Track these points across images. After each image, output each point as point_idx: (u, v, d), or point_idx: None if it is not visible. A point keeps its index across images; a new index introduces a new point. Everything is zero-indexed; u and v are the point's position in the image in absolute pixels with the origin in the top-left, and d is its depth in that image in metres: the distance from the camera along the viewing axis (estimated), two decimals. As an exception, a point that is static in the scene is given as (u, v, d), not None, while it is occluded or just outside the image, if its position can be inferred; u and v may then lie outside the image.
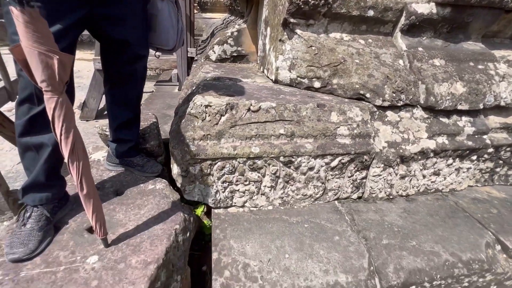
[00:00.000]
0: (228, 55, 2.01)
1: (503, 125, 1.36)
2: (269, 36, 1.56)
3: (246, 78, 1.57)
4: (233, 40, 1.98)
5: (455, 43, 1.45)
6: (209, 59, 2.02)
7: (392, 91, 1.22)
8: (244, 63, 2.05)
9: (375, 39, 1.39)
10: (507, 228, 1.19)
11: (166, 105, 2.40)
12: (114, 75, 1.05)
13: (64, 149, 0.70)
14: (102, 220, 0.82)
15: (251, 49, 2.02)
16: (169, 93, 2.77)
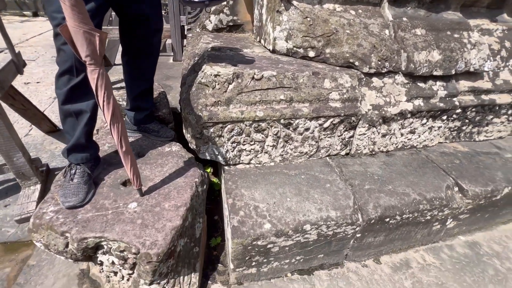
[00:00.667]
0: (224, 24, 2.06)
1: (471, 89, 1.57)
2: (265, 7, 1.63)
3: (245, 48, 1.67)
4: (229, 9, 2.02)
5: (436, 12, 1.59)
6: (205, 28, 2.07)
7: (378, 59, 1.38)
8: (240, 32, 2.11)
9: (364, 9, 1.50)
10: (465, 174, 1.46)
11: (164, 75, 2.46)
12: (132, 49, 1.14)
13: (106, 113, 0.84)
14: (138, 173, 0.99)
15: (246, 18, 2.07)
16: (165, 63, 2.80)
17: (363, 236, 1.26)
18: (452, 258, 1.43)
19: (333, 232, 1.16)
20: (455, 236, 1.55)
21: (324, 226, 1.12)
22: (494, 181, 1.42)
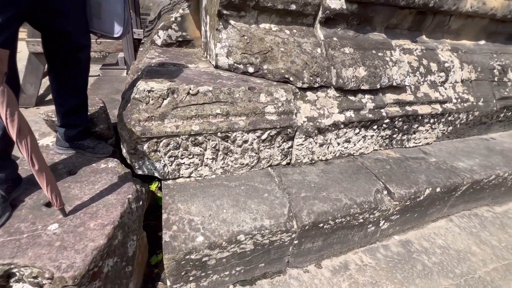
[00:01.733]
0: (174, 40, 2.09)
1: (396, 101, 1.74)
2: (208, 24, 1.70)
3: (190, 63, 1.70)
4: (177, 26, 2.06)
5: (363, 33, 1.77)
6: (155, 43, 2.08)
7: (309, 75, 1.49)
8: (190, 47, 2.15)
9: (299, 29, 1.62)
10: (394, 178, 1.60)
11: (114, 89, 2.40)
12: (57, 64, 1.11)
13: (11, 131, 0.81)
14: (57, 191, 0.95)
15: (195, 34, 2.12)
16: (117, 77, 2.74)
17: (301, 243, 1.31)
18: (386, 257, 1.54)
19: (269, 241, 1.20)
20: (391, 236, 1.68)
21: (259, 235, 1.16)
22: (417, 183, 1.58)
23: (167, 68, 1.54)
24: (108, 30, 1.15)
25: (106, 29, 1.14)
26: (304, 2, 1.52)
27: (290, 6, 1.51)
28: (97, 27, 1.14)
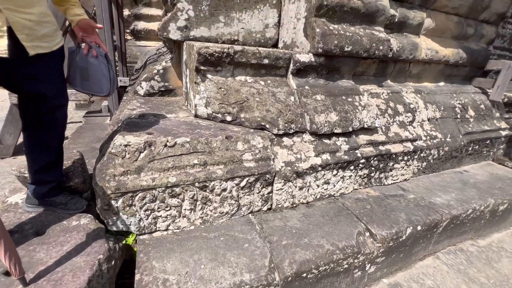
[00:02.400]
0: (156, 90, 2.18)
1: (369, 141, 1.83)
2: (188, 77, 1.80)
3: (170, 113, 1.76)
4: (159, 77, 2.16)
5: (333, 81, 1.92)
6: (137, 94, 2.16)
7: (284, 122, 1.57)
8: (172, 96, 2.24)
9: (273, 80, 1.75)
10: (375, 218, 1.61)
11: (96, 138, 2.40)
12: (33, 124, 1.13)
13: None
14: (17, 260, 0.89)
15: (177, 84, 2.23)
16: (100, 125, 2.76)
17: (285, 296, 1.24)
18: (376, 305, 1.47)
19: (250, 297, 1.14)
20: (379, 280, 1.62)
21: (239, 292, 1.10)
22: (398, 222, 1.59)
23: (147, 119, 1.58)
24: (97, 90, 1.27)
25: (95, 89, 1.27)
26: (275, 57, 1.67)
27: (263, 60, 1.65)
28: (87, 88, 1.26)
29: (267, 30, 2.04)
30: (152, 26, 4.96)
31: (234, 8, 1.89)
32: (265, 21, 2.01)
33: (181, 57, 2.10)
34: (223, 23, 1.90)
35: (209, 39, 1.92)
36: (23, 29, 0.92)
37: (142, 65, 4.01)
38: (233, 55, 1.55)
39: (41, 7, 0.97)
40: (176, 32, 1.82)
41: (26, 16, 0.91)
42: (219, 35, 1.93)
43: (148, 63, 3.54)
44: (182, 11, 1.78)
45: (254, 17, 1.97)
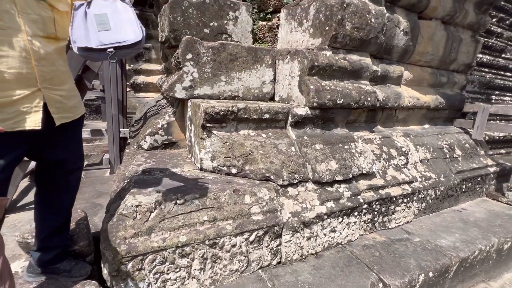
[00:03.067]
0: (160, 143, 2.26)
1: (369, 186, 1.90)
2: (193, 132, 1.90)
3: (176, 167, 1.81)
4: (163, 131, 2.26)
5: (329, 130, 2.05)
6: (141, 147, 2.22)
7: (288, 172, 1.63)
8: (175, 148, 2.32)
9: (273, 132, 1.86)
10: (385, 266, 1.58)
11: (97, 192, 2.37)
12: (47, 188, 1.15)
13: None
14: None
15: (180, 136, 2.32)
16: (100, 178, 2.75)
17: None
18: None
19: None
20: (399, 336, 1.53)
21: None
22: (409, 270, 1.56)
23: (154, 175, 1.62)
24: (123, 38, 0.96)
25: (120, 37, 0.96)
26: (275, 112, 1.81)
27: (264, 115, 1.77)
28: (108, 39, 0.94)
29: (264, 86, 2.24)
30: (151, 80, 5.27)
31: (234, 69, 2.09)
32: (262, 79, 2.22)
33: (185, 112, 2.23)
34: (224, 82, 2.08)
35: (211, 96, 2.07)
36: (55, 103, 1.00)
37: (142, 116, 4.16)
38: (236, 112, 1.67)
39: (70, 83, 1.08)
40: (181, 92, 1.97)
41: (58, 93, 1.01)
42: (220, 92, 2.09)
43: (149, 115, 3.69)
44: (187, 74, 1.95)
45: (252, 76, 2.17)
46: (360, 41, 1.98)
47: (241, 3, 2.36)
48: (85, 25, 0.95)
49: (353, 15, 1.86)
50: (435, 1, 2.28)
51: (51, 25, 0.97)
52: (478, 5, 2.63)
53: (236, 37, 2.39)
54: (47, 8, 0.95)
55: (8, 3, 0.87)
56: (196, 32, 2.22)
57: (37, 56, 0.93)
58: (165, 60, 3.67)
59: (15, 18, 0.88)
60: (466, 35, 2.74)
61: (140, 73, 5.30)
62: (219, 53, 2.01)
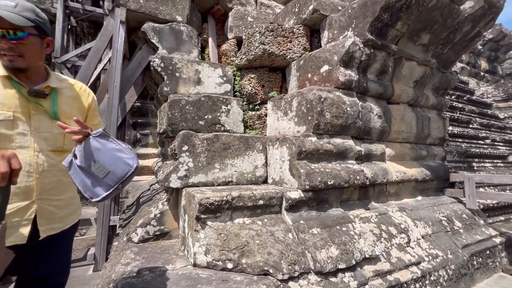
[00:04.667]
0: (151, 235, 2.15)
1: (375, 272, 1.77)
2: (187, 222, 1.85)
3: (167, 263, 1.68)
4: (156, 221, 2.19)
5: (324, 211, 2.04)
6: (131, 241, 2.10)
7: (288, 264, 1.54)
8: (167, 239, 2.20)
9: (269, 218, 1.84)
10: None
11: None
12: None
13: None
14: None
15: (173, 225, 2.24)
16: (81, 278, 2.47)
17: None
18: None
19: None
20: None
21: None
22: None
23: (143, 277, 1.49)
24: (123, 171, 1.01)
25: (121, 172, 1.01)
26: (269, 197, 1.83)
27: (258, 202, 1.79)
28: (113, 180, 1.00)
29: (257, 170, 2.33)
30: (147, 163, 5.41)
31: (228, 156, 2.21)
32: (255, 163, 2.33)
33: (179, 200, 2.22)
34: (218, 168, 2.17)
35: (206, 184, 2.12)
36: (46, 214, 1.00)
37: (134, 201, 4.08)
38: (231, 201, 1.69)
39: (71, 192, 1.10)
40: (176, 181, 2.02)
41: (54, 203, 1.02)
42: (215, 179, 2.15)
43: (141, 200, 3.63)
44: (183, 164, 2.04)
45: (245, 161, 2.28)
46: (341, 126, 2.20)
47: (232, 99, 2.69)
48: (87, 178, 0.99)
49: (331, 106, 2.13)
50: (398, 90, 2.66)
51: (61, 140, 1.06)
52: (435, 90, 3.08)
53: (228, 126, 2.62)
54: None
55: (24, 126, 0.97)
56: (192, 124, 2.44)
57: (41, 169, 0.98)
58: (161, 145, 3.87)
59: (27, 137, 0.97)
60: (433, 113, 3.10)
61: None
62: (213, 143, 2.16)
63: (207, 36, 3.30)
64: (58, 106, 1.06)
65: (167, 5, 2.89)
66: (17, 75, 0.99)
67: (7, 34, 0.93)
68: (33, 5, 1.00)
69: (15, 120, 0.96)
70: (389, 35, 2.37)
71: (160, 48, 2.76)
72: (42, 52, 1.05)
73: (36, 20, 0.98)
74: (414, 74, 2.76)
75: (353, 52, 2.19)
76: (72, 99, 1.12)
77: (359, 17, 2.27)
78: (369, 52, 2.29)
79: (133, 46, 3.31)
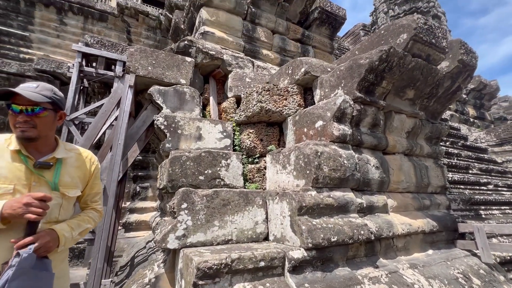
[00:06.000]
0: (144, 303, 1.98)
1: None
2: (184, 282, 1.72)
3: None
4: (150, 287, 2.04)
5: (329, 271, 1.92)
6: (121, 311, 1.92)
7: None
8: (161, 308, 2.01)
9: (271, 282, 1.72)
10: None
11: None
12: None
13: None
14: None
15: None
16: None
17: None
18: None
19: None
20: None
21: None
22: None
23: None
24: None
25: None
26: (271, 258, 1.74)
27: (259, 263, 1.69)
28: None
29: (257, 227, 2.26)
30: (145, 217, 5.24)
31: (227, 212, 2.17)
32: (255, 219, 2.27)
33: (176, 262, 2.10)
34: (217, 226, 2.11)
35: (204, 243, 2.03)
36: None
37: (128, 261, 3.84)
38: (230, 264, 1.60)
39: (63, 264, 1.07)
40: (174, 242, 1.95)
41: None
42: (214, 238, 2.08)
43: (136, 261, 3.42)
44: (181, 222, 2.00)
45: (245, 217, 2.23)
46: (339, 179, 2.22)
47: (232, 153, 2.76)
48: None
49: (327, 160, 2.18)
50: (392, 141, 2.75)
51: (57, 211, 1.08)
52: (428, 140, 3.18)
53: (228, 180, 2.64)
54: (59, 196, 1.09)
55: None
56: (192, 179, 2.46)
57: None
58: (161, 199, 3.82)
59: None
60: (430, 162, 3.14)
61: (135, 211, 5.34)
62: (212, 200, 2.15)
63: (208, 95, 3.55)
64: (60, 177, 1.10)
65: (173, 70, 3.19)
66: (27, 145, 1.06)
67: (25, 110, 1.02)
68: (52, 86, 1.13)
69: (15, 193, 0.99)
70: (377, 92, 2.56)
71: (164, 107, 2.96)
72: (54, 124, 1.14)
73: (52, 97, 1.09)
74: (405, 125, 2.89)
75: (344, 108, 2.34)
76: (75, 168, 1.17)
77: (347, 78, 2.49)
78: (359, 108, 2.44)
79: (139, 105, 3.54)
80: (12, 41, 8.03)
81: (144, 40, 9.68)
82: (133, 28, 9.54)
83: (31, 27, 8.35)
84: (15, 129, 1.04)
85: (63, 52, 8.58)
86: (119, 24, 9.40)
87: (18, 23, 8.22)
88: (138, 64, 3.00)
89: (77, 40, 8.26)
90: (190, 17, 4.96)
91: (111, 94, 3.12)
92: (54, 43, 8.56)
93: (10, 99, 1.01)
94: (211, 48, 3.62)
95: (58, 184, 1.08)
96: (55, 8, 8.58)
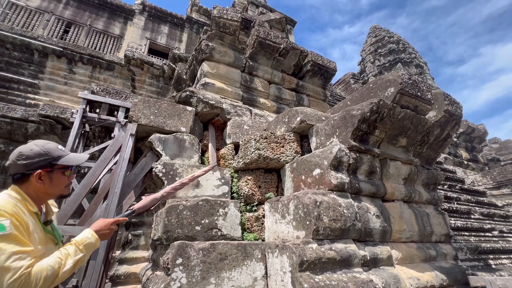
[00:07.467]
0: None
1: None
2: None
3: None
4: None
5: (336, 338, 1.74)
6: None
7: None
8: None
9: None
10: None
11: None
12: None
13: None
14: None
15: None
16: None
17: None
18: None
19: None
20: None
21: None
22: None
23: None
24: None
25: None
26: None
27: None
28: None
29: (256, 283, 2.11)
30: (134, 269, 4.88)
31: (224, 268, 2.05)
32: (254, 275, 2.14)
33: (166, 328, 1.90)
34: (214, 284, 1.97)
35: (199, 304, 1.88)
36: None
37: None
38: (227, 332, 1.46)
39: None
40: (166, 303, 1.79)
41: None
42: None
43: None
44: (175, 280, 1.87)
45: (243, 273, 2.10)
46: (340, 230, 2.16)
47: (230, 201, 2.72)
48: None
49: (327, 210, 2.15)
50: (390, 188, 2.75)
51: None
52: (425, 186, 3.20)
53: (225, 230, 2.55)
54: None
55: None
56: (188, 230, 2.37)
57: None
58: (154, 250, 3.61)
59: None
60: (430, 209, 3.10)
61: (124, 262, 4.99)
62: (209, 254, 2.05)
63: (207, 142, 3.63)
64: (58, 231, 1.11)
65: (174, 119, 3.32)
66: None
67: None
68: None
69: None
70: (370, 140, 2.65)
71: (164, 155, 3.00)
72: None
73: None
74: (401, 172, 2.93)
75: (340, 157, 2.39)
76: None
77: (341, 127, 2.60)
78: (355, 156, 2.50)
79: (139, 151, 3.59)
80: (20, 88, 8.42)
81: (147, 87, 10.22)
82: (137, 76, 10.14)
83: (41, 75, 8.84)
84: (65, 187, 1.09)
85: (68, 98, 8.95)
86: (125, 73, 10.01)
87: (29, 71, 8.73)
88: (141, 113, 3.12)
89: (84, 87, 8.70)
90: (192, 69, 5.34)
91: (112, 141, 3.18)
92: (61, 90, 8.98)
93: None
94: (211, 98, 3.82)
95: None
96: (66, 59, 9.21)
